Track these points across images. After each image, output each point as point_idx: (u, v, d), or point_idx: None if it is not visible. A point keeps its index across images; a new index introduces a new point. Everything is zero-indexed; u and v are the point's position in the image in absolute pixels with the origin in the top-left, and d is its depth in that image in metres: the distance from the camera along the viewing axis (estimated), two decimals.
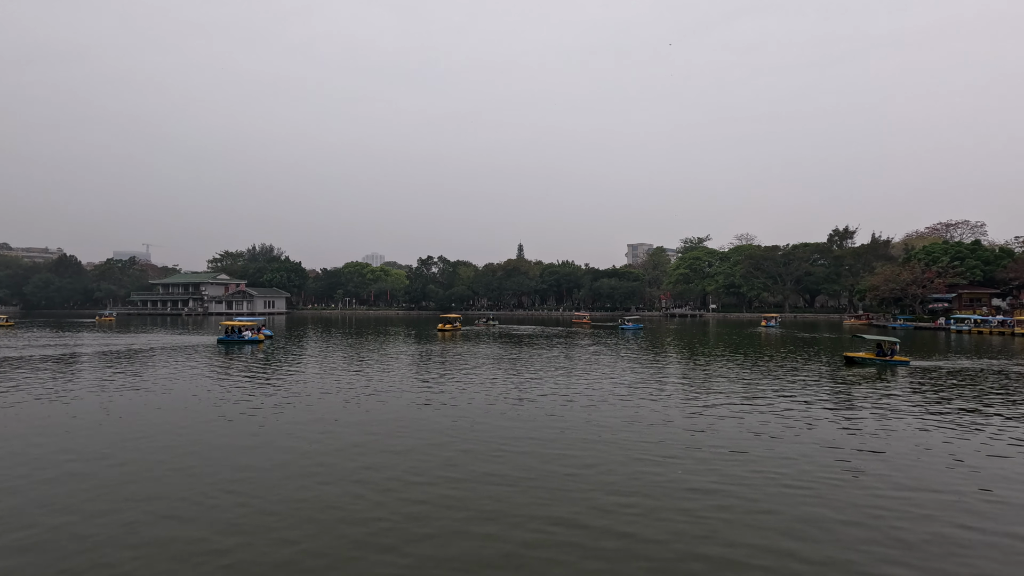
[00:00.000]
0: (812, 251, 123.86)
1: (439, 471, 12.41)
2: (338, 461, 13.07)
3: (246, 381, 25.30)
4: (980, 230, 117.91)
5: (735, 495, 10.97)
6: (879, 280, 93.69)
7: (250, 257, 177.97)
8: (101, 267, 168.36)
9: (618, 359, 35.19)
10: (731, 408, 19.58)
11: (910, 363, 32.13)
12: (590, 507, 10.31)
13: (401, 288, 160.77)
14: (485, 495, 10.91)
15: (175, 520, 9.65)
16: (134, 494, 10.89)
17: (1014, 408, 20.07)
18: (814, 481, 11.92)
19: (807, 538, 9.07)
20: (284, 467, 12.62)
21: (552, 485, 11.50)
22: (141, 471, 12.34)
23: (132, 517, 9.79)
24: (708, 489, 11.28)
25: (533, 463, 13.04)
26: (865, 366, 31.35)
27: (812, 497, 10.91)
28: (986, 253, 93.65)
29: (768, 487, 11.43)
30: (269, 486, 11.34)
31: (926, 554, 8.60)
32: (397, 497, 10.79)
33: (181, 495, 10.83)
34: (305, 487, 11.30)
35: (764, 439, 15.39)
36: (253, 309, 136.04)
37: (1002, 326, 64.91)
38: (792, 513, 10.09)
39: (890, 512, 10.19)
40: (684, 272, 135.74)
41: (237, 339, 46.34)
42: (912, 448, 14.62)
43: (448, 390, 22.95)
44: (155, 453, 13.72)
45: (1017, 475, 12.54)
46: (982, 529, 9.54)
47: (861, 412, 19.15)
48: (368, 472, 12.32)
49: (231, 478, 11.85)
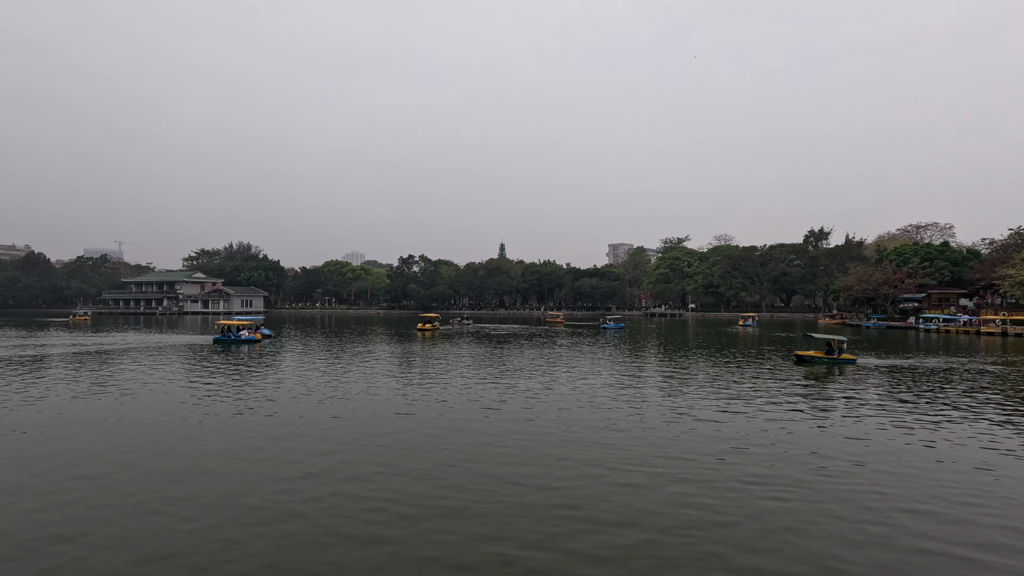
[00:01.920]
0: (788, 252, 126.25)
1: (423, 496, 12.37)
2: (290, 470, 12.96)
3: (237, 383, 24.85)
4: (949, 232, 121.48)
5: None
6: (852, 280, 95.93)
7: (227, 255, 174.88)
8: (71, 265, 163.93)
9: (595, 362, 35.40)
10: (666, 402, 20.17)
11: (857, 361, 33.07)
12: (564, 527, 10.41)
13: (382, 287, 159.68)
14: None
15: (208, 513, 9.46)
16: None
17: (936, 402, 21.02)
18: (703, 468, 12.76)
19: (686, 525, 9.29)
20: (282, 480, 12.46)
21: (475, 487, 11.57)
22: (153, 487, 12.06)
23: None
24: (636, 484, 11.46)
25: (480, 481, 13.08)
26: (814, 364, 32.19)
27: (687, 482, 11.27)
28: (954, 254, 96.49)
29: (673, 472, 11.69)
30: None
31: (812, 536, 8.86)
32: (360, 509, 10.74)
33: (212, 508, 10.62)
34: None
35: (680, 433, 16.11)
36: (230, 308, 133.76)
37: (967, 325, 67.13)
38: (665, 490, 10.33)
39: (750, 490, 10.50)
40: (664, 272, 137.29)
41: (234, 338, 45.82)
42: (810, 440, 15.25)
43: (434, 393, 22.86)
44: (155, 459, 13.42)
45: (907, 460, 13.34)
46: (878, 510, 9.88)
47: (782, 407, 19.79)
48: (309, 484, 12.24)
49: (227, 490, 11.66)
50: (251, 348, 42.26)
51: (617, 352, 40.69)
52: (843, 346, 33.76)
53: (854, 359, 33.11)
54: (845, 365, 31.78)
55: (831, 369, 30.51)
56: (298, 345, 45.78)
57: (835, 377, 27.70)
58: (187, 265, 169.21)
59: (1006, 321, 62.83)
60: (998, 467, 13.16)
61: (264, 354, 37.79)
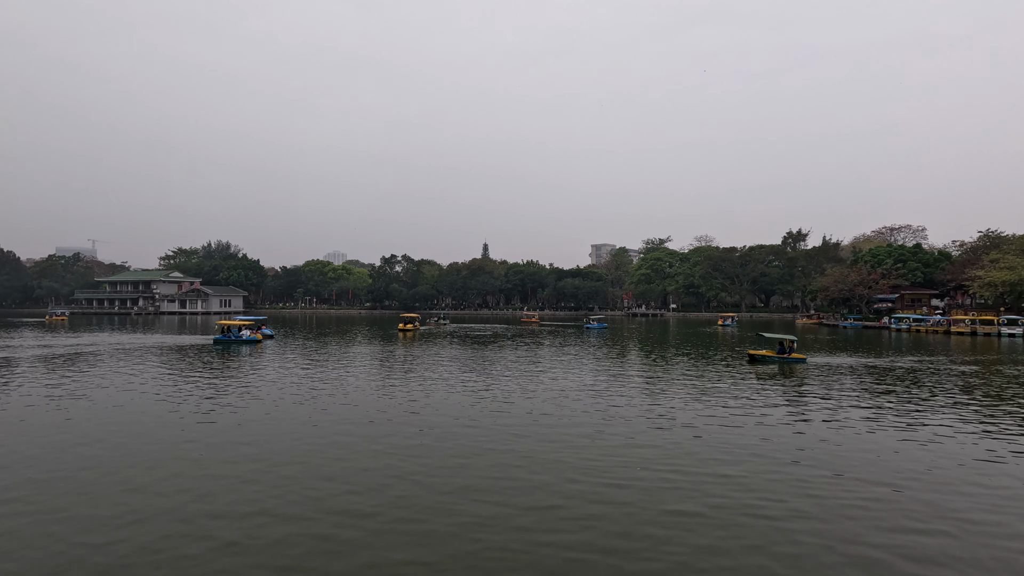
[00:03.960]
0: (767, 253, 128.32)
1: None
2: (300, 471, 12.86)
3: (238, 385, 24.37)
4: (921, 234, 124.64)
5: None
6: (829, 281, 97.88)
7: (205, 254, 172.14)
8: (42, 264, 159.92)
9: (582, 364, 35.59)
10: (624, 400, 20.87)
11: (807, 360, 33.84)
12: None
13: (364, 287, 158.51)
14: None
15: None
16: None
17: (870, 401, 21.55)
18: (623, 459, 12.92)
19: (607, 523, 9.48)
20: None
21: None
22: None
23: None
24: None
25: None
26: (766, 363, 32.85)
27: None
28: (926, 256, 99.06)
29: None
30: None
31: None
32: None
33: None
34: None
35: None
36: (208, 308, 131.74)
37: (936, 325, 69.22)
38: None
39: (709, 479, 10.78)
40: (646, 272, 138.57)
41: (235, 339, 45.32)
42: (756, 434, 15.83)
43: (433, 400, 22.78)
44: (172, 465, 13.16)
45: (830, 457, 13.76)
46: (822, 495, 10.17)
47: (720, 404, 20.20)
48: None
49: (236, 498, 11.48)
50: (252, 348, 41.47)
51: (601, 353, 40.93)
52: (794, 345, 34.53)
53: (804, 358, 33.87)
54: (795, 364, 32.53)
55: (781, 368, 31.19)
56: (299, 346, 44.88)
57: (783, 376, 28.16)
58: (164, 264, 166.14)
59: (975, 321, 64.70)
60: (903, 450, 14.23)
61: (266, 355, 36.68)
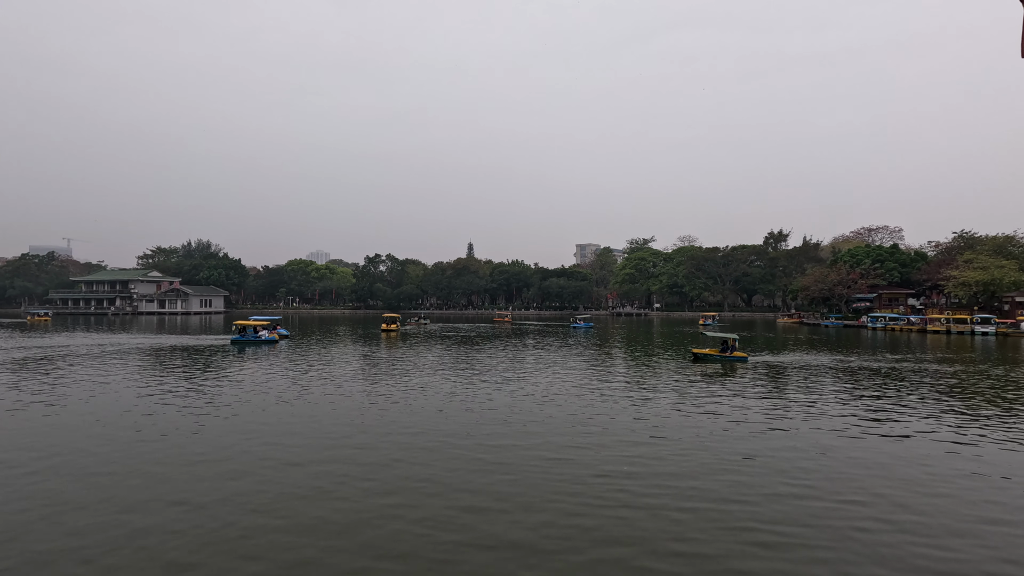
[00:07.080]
0: (749, 253, 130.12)
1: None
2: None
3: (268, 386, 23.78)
4: (898, 235, 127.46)
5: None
6: (809, 281, 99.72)
7: (185, 253, 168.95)
8: (15, 263, 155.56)
9: (567, 363, 35.71)
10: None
11: (748, 359, 34.47)
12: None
13: (348, 287, 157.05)
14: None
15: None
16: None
17: (806, 396, 22.16)
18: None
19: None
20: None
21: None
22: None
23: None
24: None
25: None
26: (709, 362, 33.42)
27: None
28: (903, 256, 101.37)
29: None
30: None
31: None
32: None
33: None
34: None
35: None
36: (188, 308, 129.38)
37: (910, 323, 71.06)
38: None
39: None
40: (630, 272, 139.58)
41: (252, 339, 45.34)
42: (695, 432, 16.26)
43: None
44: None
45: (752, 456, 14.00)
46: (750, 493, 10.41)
47: (661, 402, 20.62)
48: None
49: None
50: (270, 348, 41.55)
51: (588, 353, 41.08)
52: (736, 344, 35.20)
53: (745, 357, 34.52)
54: (736, 362, 33.15)
55: (723, 366, 31.78)
56: (317, 345, 44.52)
57: (725, 374, 28.58)
58: (142, 263, 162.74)
59: (950, 320, 66.38)
60: (832, 447, 14.64)
61: (293, 356, 35.95)
